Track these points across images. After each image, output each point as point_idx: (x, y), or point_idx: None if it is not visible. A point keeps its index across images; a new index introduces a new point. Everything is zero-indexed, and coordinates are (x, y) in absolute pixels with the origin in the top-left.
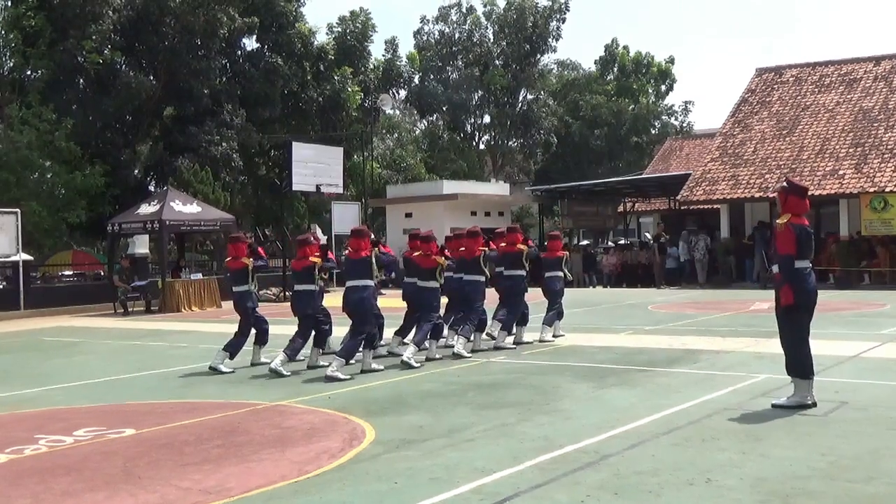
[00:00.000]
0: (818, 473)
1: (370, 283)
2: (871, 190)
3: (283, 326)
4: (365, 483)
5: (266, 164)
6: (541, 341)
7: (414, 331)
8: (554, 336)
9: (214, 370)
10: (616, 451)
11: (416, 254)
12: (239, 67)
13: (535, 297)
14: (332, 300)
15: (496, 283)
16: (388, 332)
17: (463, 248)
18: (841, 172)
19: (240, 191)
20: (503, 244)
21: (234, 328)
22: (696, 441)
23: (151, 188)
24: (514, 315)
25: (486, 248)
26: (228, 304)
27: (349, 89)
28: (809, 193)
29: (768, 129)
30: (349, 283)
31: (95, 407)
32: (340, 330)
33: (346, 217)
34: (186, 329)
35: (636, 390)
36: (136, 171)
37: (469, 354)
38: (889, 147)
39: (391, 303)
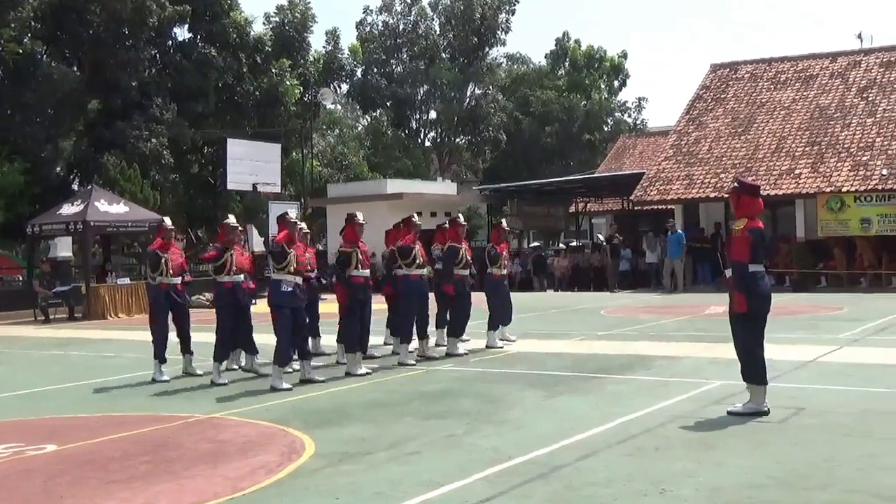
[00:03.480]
0: (774, 482)
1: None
2: (828, 190)
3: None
4: (304, 499)
5: (199, 161)
6: (488, 347)
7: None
8: (501, 340)
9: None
10: (568, 462)
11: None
12: (170, 59)
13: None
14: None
15: (441, 285)
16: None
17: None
18: (797, 172)
19: (170, 190)
20: (444, 240)
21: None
22: (649, 450)
23: (75, 187)
24: (458, 320)
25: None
26: None
27: (287, 83)
28: (765, 193)
29: (723, 127)
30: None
31: (14, 421)
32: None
33: None
34: (113, 337)
35: (588, 398)
36: (59, 169)
37: (413, 362)
38: (846, 146)
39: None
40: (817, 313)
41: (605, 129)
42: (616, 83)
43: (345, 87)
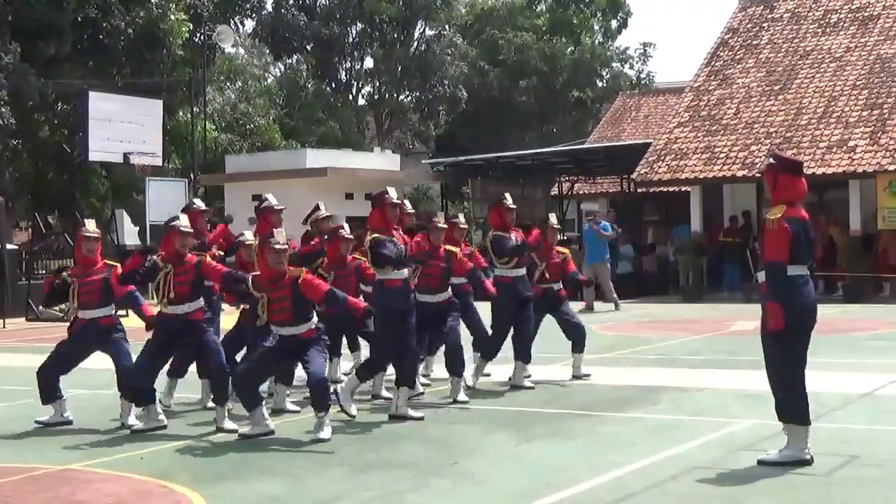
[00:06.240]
0: None
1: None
2: (892, 168)
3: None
4: None
5: (50, 122)
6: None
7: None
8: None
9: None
10: None
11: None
12: None
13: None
14: None
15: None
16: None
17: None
18: (851, 143)
19: (10, 161)
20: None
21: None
22: None
23: None
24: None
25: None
26: None
27: (172, 17)
28: (809, 171)
29: (755, 84)
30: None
31: None
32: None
33: (166, 200)
34: None
35: (574, 443)
36: None
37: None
38: None
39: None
40: (877, 330)
41: (600, 84)
42: (614, 24)
43: (250, 23)
